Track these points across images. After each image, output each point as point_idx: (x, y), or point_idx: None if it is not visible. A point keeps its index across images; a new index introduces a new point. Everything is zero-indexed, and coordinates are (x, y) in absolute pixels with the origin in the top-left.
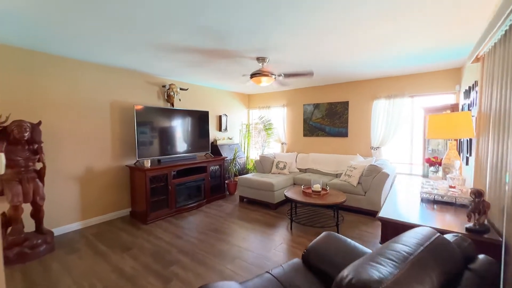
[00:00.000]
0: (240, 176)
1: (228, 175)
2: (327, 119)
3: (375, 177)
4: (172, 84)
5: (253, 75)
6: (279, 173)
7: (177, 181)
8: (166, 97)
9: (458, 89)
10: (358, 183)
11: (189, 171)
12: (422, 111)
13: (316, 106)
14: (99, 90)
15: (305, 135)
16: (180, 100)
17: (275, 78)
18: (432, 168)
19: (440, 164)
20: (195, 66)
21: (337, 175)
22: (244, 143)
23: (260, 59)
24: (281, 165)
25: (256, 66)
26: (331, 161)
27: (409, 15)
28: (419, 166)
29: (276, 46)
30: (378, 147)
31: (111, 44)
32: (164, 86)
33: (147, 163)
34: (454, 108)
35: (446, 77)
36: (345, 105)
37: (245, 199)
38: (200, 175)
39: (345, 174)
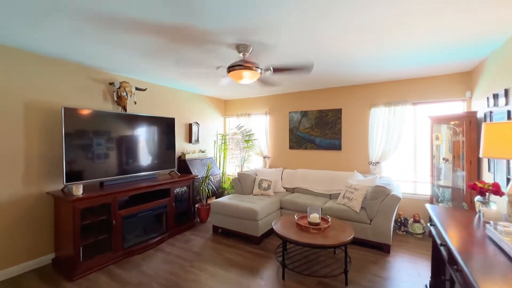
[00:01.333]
0: (214, 201)
1: (199, 197)
2: (317, 129)
3: (383, 201)
4: (124, 82)
5: (231, 68)
6: (262, 195)
7: (125, 212)
8: (116, 99)
9: (469, 95)
10: (361, 207)
11: (146, 196)
12: (428, 121)
13: (304, 114)
14: (7, 84)
15: (291, 147)
16: (135, 103)
17: (261, 73)
18: (479, 198)
19: (496, 192)
20: (152, 55)
21: (331, 196)
22: (220, 157)
23: (241, 48)
24: (264, 185)
25: (236, 57)
26: (323, 179)
27: None
28: (424, 185)
29: (264, 27)
30: (377, 162)
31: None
32: (112, 84)
33: (77, 189)
34: (471, 117)
35: (455, 82)
36: (337, 113)
37: (220, 230)
38: (161, 201)
39: (343, 196)
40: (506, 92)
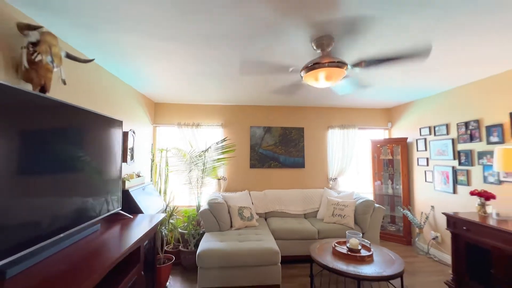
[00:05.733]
0: (203, 250)
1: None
2: (281, 146)
3: (373, 215)
4: (49, 34)
5: (309, 68)
6: (246, 227)
7: None
8: (25, 65)
9: (389, 126)
10: (355, 223)
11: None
12: (369, 143)
13: (268, 130)
14: None
15: (252, 166)
16: (65, 82)
17: (346, 70)
18: (482, 200)
19: (488, 198)
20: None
21: (305, 216)
22: (160, 183)
23: (325, 40)
24: (246, 214)
25: (304, 48)
26: (297, 199)
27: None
28: (366, 195)
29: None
30: (335, 178)
31: None
32: (24, 32)
33: None
34: (403, 141)
35: (381, 114)
36: (300, 131)
37: None
38: (130, 276)
39: (333, 214)
40: (448, 126)
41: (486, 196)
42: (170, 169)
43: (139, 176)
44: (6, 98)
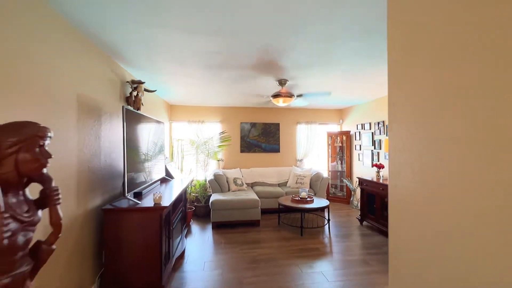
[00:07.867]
0: (214, 199)
1: None
2: (263, 137)
3: (321, 182)
4: (142, 82)
5: (274, 96)
6: (239, 190)
7: (173, 217)
8: (133, 99)
9: (341, 122)
10: (310, 188)
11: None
12: (325, 134)
13: (253, 125)
14: (58, 72)
15: (242, 151)
16: (143, 103)
17: (295, 98)
18: (376, 169)
19: (380, 167)
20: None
21: (279, 185)
22: (178, 162)
23: (282, 81)
24: (239, 182)
25: (268, 80)
26: (273, 174)
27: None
28: (320, 171)
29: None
30: (301, 159)
31: None
32: (132, 83)
33: (160, 198)
34: (347, 133)
35: (335, 114)
36: (277, 126)
37: (218, 225)
38: (181, 204)
39: (296, 182)
40: (370, 124)
41: (378, 166)
42: (184, 153)
43: (166, 157)
44: (131, 115)
